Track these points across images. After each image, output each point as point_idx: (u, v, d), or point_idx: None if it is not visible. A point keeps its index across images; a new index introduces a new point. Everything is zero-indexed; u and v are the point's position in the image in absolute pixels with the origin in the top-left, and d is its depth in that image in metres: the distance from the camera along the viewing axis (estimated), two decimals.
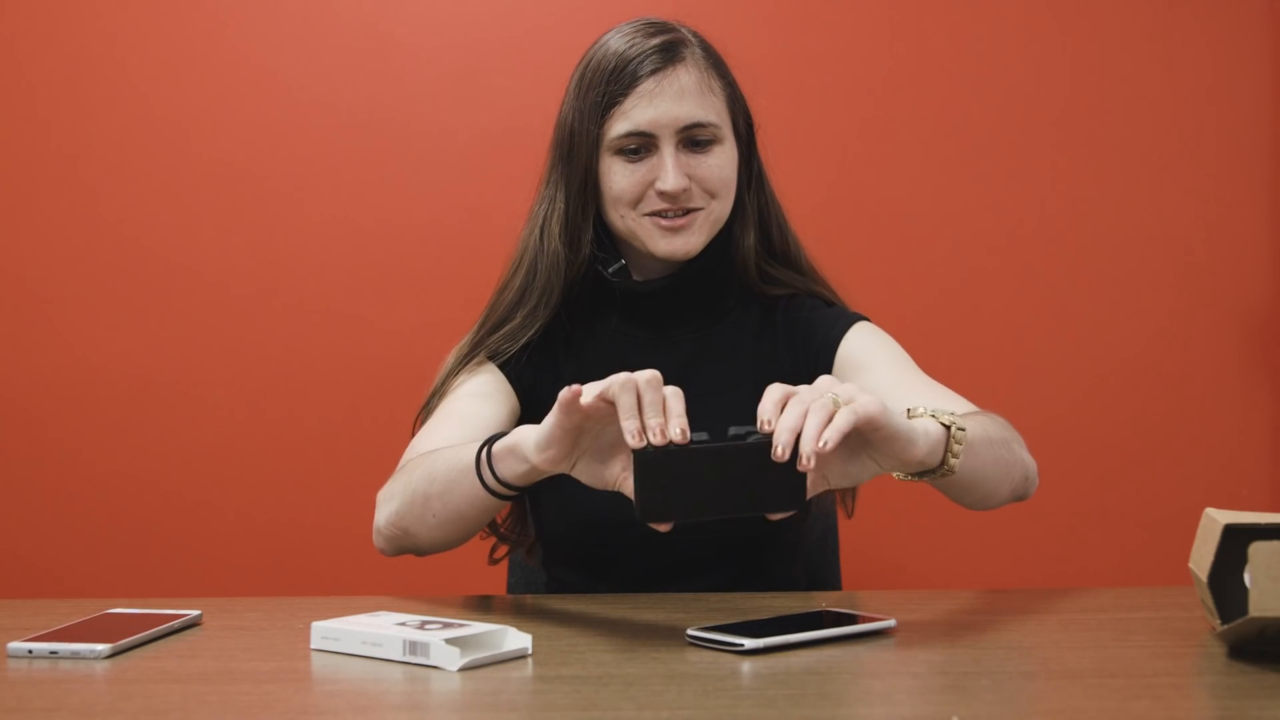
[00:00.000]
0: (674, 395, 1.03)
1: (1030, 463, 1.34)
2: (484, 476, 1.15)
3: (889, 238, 2.41)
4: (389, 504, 1.29)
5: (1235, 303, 2.44)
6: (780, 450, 0.99)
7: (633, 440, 1.00)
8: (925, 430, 1.07)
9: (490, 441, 1.15)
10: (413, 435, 1.44)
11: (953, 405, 1.33)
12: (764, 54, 2.32)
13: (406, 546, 1.31)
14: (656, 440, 1.00)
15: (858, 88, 2.42)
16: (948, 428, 1.09)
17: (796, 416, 1.00)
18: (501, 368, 1.44)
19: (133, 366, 2.38)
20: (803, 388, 1.04)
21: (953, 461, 1.09)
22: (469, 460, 1.16)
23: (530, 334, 1.42)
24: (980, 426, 1.20)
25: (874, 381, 1.38)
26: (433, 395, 1.44)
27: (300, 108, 2.39)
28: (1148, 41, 2.43)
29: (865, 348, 1.43)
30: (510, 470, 1.13)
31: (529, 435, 1.09)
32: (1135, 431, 2.43)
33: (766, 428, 1.01)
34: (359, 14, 2.40)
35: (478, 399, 1.40)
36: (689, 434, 1.01)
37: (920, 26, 2.42)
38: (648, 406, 1.01)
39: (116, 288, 2.39)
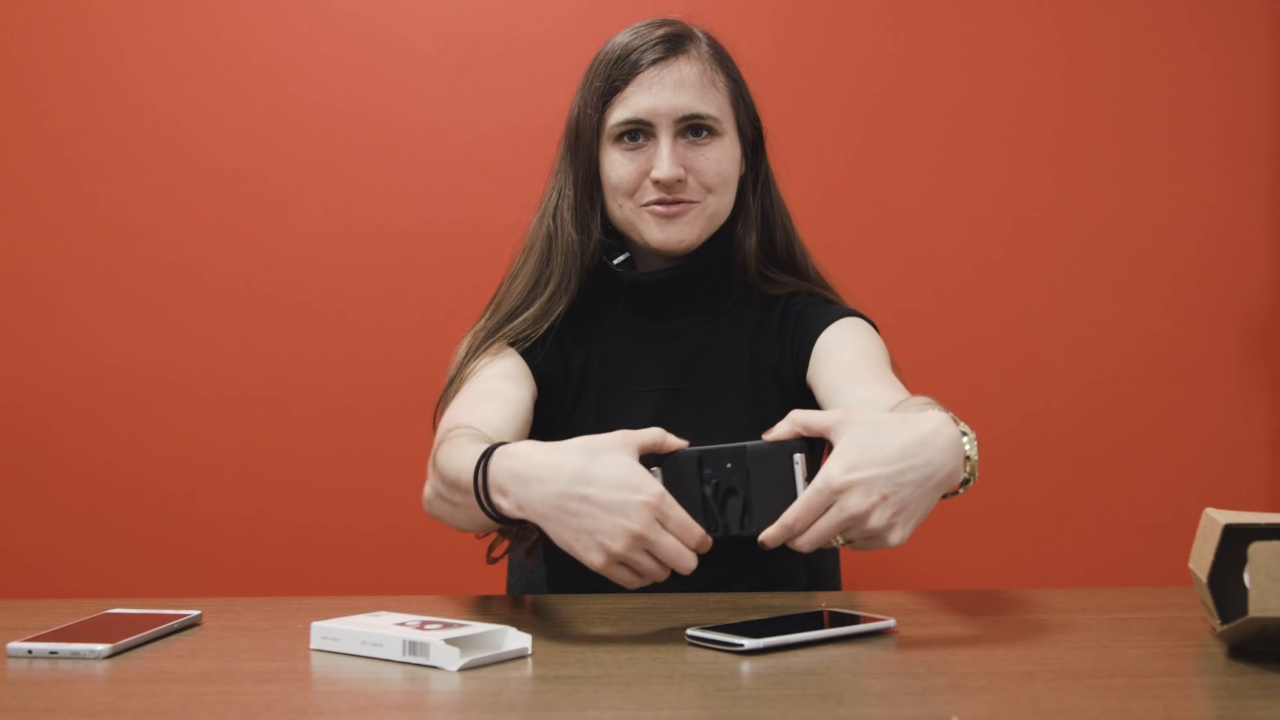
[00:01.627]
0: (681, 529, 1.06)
1: None
2: (491, 515, 1.13)
3: (888, 238, 2.41)
4: (427, 486, 1.27)
5: (1235, 303, 2.44)
6: (769, 543, 1.07)
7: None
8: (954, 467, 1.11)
9: (483, 480, 1.12)
10: (435, 423, 1.42)
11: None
12: (767, 54, 2.31)
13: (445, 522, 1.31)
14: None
15: (858, 90, 2.42)
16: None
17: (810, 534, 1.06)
18: (522, 354, 1.44)
19: (133, 366, 2.38)
20: (852, 504, 1.05)
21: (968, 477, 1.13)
22: (471, 487, 1.14)
23: (552, 320, 1.43)
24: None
25: (831, 370, 1.38)
26: (451, 382, 1.44)
27: (301, 108, 2.39)
28: (1148, 41, 2.43)
29: (838, 340, 1.43)
30: (510, 512, 1.11)
31: (536, 519, 1.08)
32: (1135, 431, 2.43)
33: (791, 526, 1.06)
34: (359, 14, 2.40)
35: (506, 380, 1.40)
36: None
37: (920, 28, 2.42)
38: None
39: (116, 288, 2.39)
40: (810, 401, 1.44)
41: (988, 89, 2.42)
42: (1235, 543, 1.00)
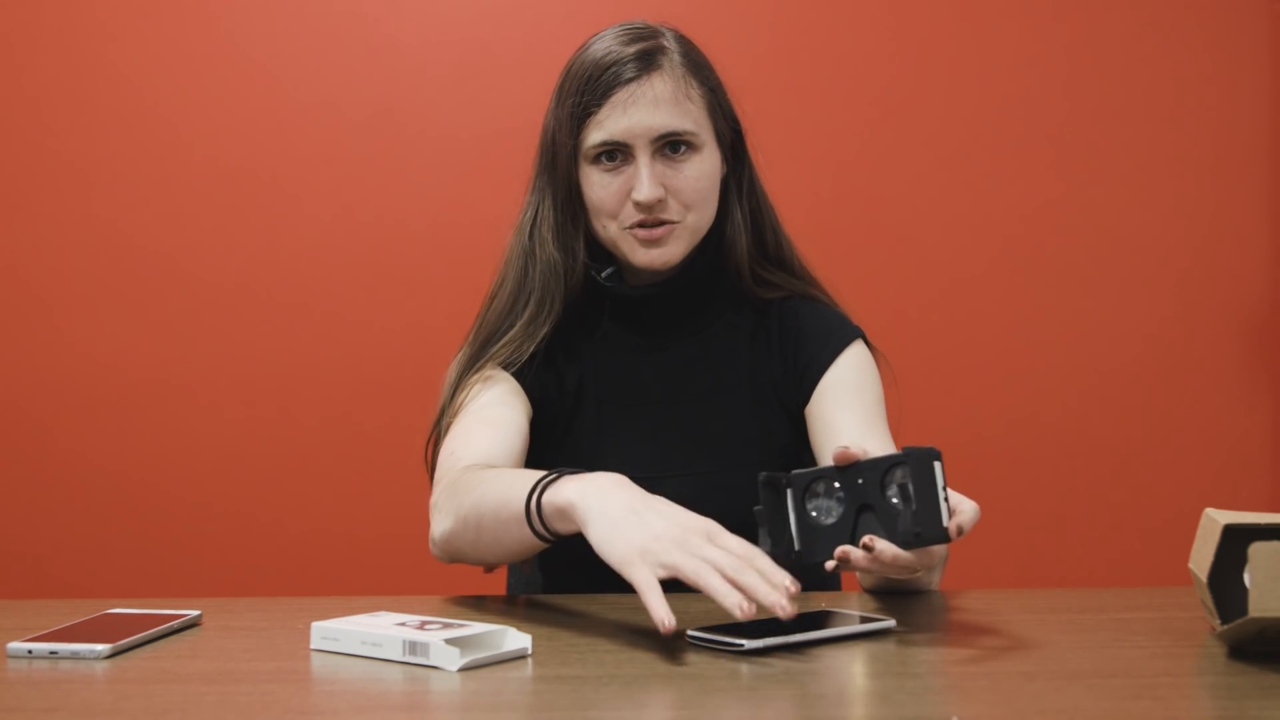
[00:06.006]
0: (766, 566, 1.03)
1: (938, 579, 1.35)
2: (537, 530, 1.14)
3: (888, 239, 2.41)
4: (443, 521, 1.27)
5: (1235, 303, 2.44)
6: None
7: (740, 614, 1.00)
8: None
9: (539, 488, 1.13)
10: (427, 455, 1.43)
11: None
12: (769, 53, 2.32)
13: (460, 560, 1.32)
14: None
15: (857, 90, 2.42)
16: None
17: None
18: (515, 376, 1.43)
19: (133, 366, 2.38)
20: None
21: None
22: (519, 510, 1.15)
23: (537, 343, 1.41)
24: None
25: (838, 426, 1.39)
26: (442, 413, 1.43)
27: (300, 108, 2.39)
28: (1148, 41, 2.43)
29: (846, 386, 1.43)
30: (565, 528, 1.12)
31: (589, 521, 1.07)
32: (1135, 431, 2.43)
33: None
34: (359, 14, 2.40)
35: (501, 406, 1.39)
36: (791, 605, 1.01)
37: (920, 28, 2.42)
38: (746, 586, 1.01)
39: (116, 288, 2.39)
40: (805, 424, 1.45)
41: (987, 90, 2.42)
42: (1235, 543, 1.00)
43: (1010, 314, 2.43)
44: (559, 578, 1.51)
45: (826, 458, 1.38)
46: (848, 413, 1.40)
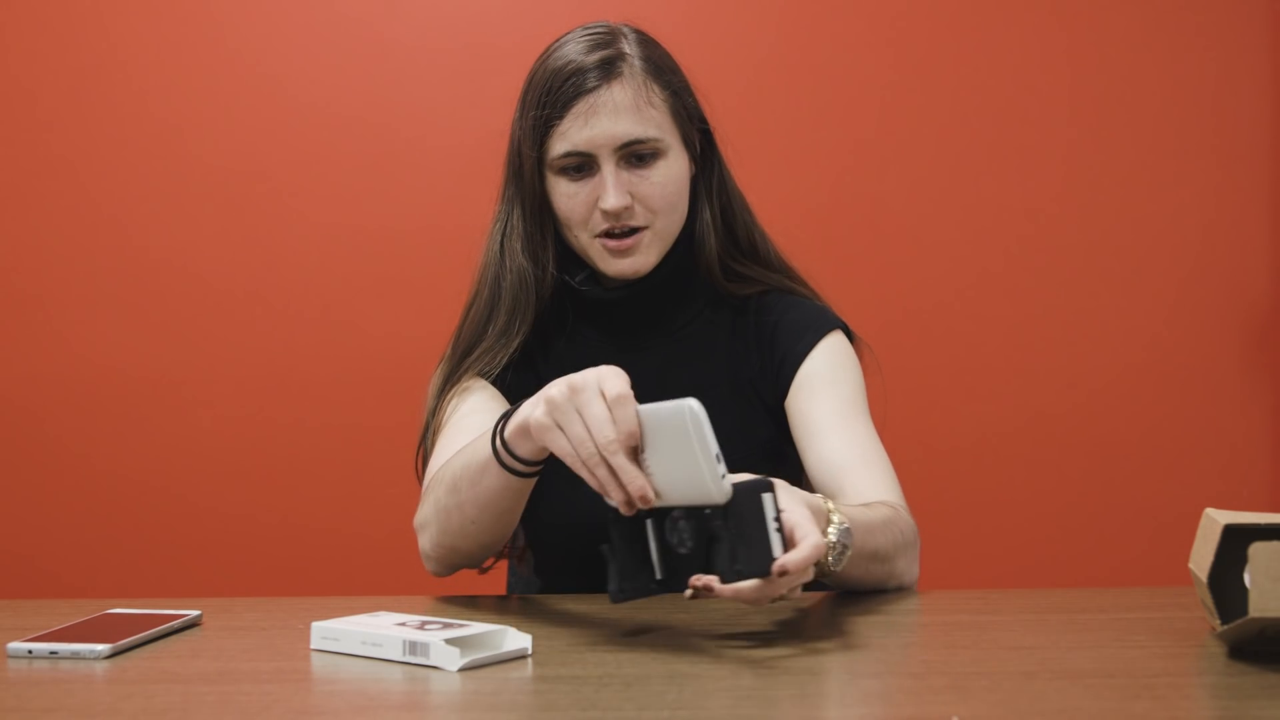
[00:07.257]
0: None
1: (910, 575, 1.31)
2: (505, 461, 1.14)
3: (888, 239, 2.41)
4: (427, 529, 1.29)
5: (1235, 303, 2.44)
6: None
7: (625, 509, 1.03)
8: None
9: (499, 428, 1.14)
10: (417, 468, 1.44)
11: (877, 476, 1.33)
12: (770, 54, 2.32)
13: (457, 563, 1.32)
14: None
15: (858, 89, 2.42)
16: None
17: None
18: (495, 380, 1.44)
19: (133, 366, 2.38)
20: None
21: (831, 570, 1.12)
22: (485, 453, 1.15)
23: (510, 352, 1.41)
24: (869, 538, 1.18)
25: (816, 418, 1.39)
26: (426, 428, 1.44)
27: (299, 110, 2.40)
28: (1148, 41, 2.43)
29: (822, 378, 1.42)
30: (528, 449, 1.12)
31: (530, 418, 1.08)
32: (1135, 431, 2.43)
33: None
34: (358, 16, 2.40)
35: (479, 413, 1.39)
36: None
37: (920, 28, 2.42)
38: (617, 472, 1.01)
39: (116, 289, 2.39)
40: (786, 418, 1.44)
41: (987, 89, 2.42)
42: (1235, 543, 1.00)
43: (1010, 314, 2.43)
44: (558, 579, 1.51)
45: (807, 452, 1.38)
46: (825, 405, 1.40)
